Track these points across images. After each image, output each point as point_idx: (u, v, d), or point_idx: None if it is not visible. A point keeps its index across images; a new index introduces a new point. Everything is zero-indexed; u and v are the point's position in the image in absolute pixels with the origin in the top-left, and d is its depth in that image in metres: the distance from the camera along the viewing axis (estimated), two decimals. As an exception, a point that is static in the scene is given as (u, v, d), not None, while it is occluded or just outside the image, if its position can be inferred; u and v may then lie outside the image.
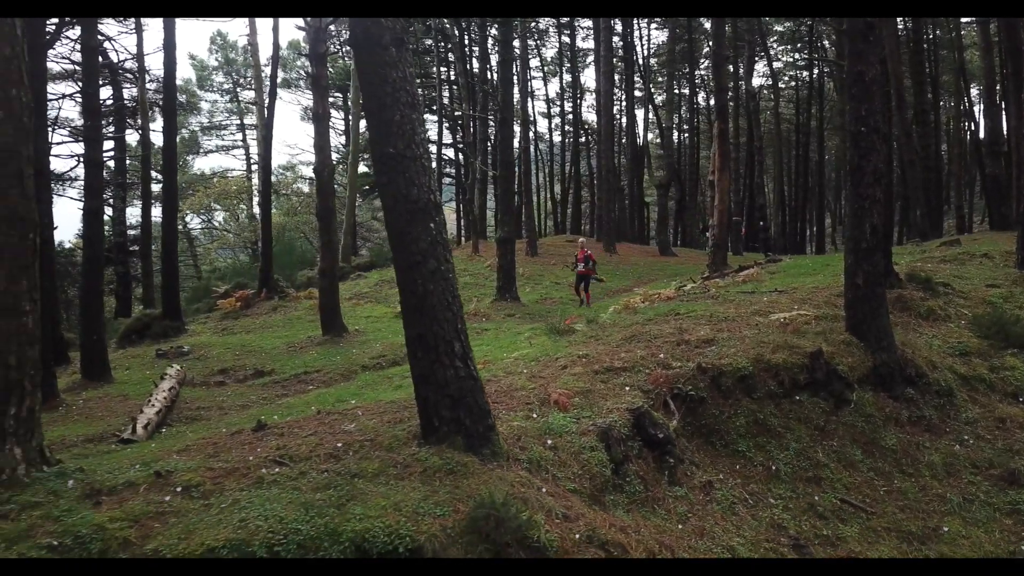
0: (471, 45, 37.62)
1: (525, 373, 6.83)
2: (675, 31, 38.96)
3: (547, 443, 5.16)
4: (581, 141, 45.45)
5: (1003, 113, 24.33)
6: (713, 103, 21.60)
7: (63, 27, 18.74)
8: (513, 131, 21.40)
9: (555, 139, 52.96)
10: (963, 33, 35.13)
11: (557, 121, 51.07)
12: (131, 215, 29.70)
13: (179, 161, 26.12)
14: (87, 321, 12.51)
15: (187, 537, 3.58)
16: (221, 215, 41.44)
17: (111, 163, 26.42)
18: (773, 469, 5.94)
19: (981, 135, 30.36)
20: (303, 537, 3.63)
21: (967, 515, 5.71)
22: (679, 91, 44.98)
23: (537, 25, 43.19)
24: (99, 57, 17.55)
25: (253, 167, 40.81)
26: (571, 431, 5.38)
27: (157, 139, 24.13)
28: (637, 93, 41.43)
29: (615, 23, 34.33)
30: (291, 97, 51.05)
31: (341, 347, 13.11)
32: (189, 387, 10.74)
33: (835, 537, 5.32)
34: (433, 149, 35.32)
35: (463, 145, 36.68)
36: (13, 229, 4.27)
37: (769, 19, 38.75)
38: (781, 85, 46.16)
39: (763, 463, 5.98)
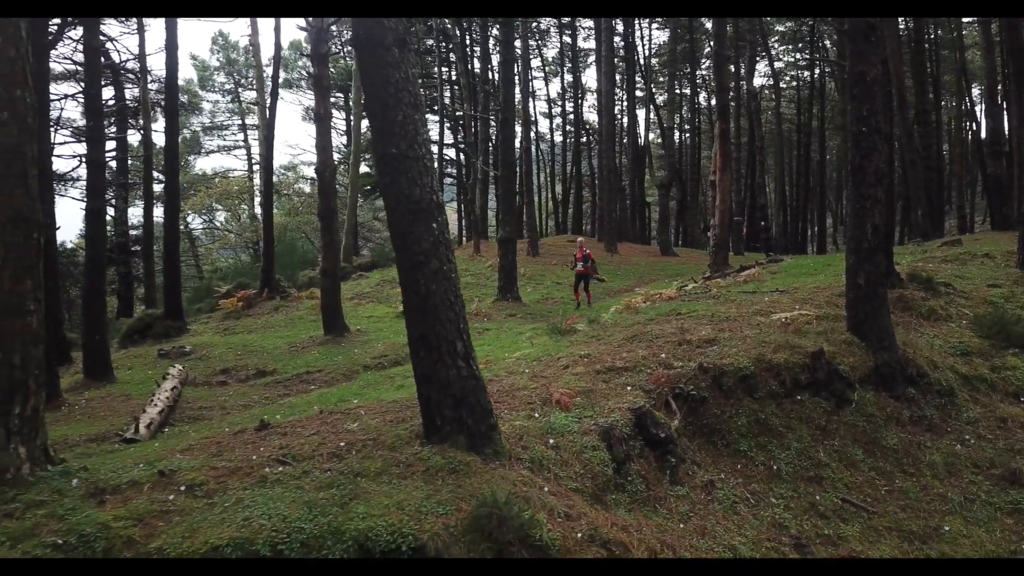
0: (472, 45, 37.63)
1: (527, 373, 6.85)
2: (676, 31, 38.90)
3: (549, 442, 5.18)
4: (582, 141, 45.47)
5: (1004, 113, 24.39)
6: (714, 103, 21.61)
7: (65, 27, 18.81)
8: (514, 131, 21.41)
9: (556, 139, 53.11)
10: (964, 33, 35.08)
11: (558, 121, 51.25)
12: (133, 215, 29.86)
13: (181, 161, 26.13)
14: (89, 321, 12.55)
15: (191, 536, 3.59)
16: (223, 215, 41.52)
17: (113, 163, 26.51)
18: (774, 468, 5.95)
19: (983, 135, 30.42)
20: (306, 536, 3.64)
21: (968, 515, 5.72)
22: (680, 91, 44.88)
23: (538, 25, 43.23)
24: (101, 57, 17.55)
25: (255, 167, 40.92)
26: (573, 430, 5.39)
27: (159, 139, 24.32)
28: (638, 93, 41.42)
29: (616, 23, 34.32)
30: (293, 97, 51.09)
31: (343, 347, 13.12)
32: (191, 387, 10.76)
33: (836, 536, 5.33)
34: (435, 149, 35.24)
35: (464, 145, 36.69)
36: (18, 229, 4.29)
37: (770, 19, 38.75)
38: (782, 85, 46.13)
39: (764, 462, 5.99)
